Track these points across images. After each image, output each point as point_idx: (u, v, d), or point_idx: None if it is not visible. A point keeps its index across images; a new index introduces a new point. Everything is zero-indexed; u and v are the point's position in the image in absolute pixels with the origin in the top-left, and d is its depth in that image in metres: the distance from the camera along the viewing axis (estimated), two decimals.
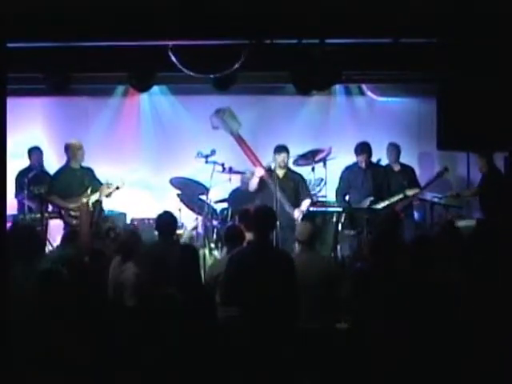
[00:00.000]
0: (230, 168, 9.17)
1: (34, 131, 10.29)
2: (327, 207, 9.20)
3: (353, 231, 8.76)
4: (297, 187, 8.81)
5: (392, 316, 4.61)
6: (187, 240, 8.95)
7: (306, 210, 8.72)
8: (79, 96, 10.11)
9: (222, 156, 9.17)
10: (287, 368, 4.94)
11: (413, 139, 10.23)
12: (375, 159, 9.38)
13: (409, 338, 4.50)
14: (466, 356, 4.48)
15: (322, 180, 9.30)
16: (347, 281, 5.82)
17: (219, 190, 9.38)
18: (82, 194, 8.76)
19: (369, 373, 4.49)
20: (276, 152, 8.80)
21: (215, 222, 9.09)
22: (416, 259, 5.14)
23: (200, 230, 9.20)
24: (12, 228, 6.32)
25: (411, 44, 7.22)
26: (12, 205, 8.88)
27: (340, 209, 9.01)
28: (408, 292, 4.85)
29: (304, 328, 5.64)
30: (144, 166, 10.46)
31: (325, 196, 9.41)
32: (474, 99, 5.20)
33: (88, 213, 7.66)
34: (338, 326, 5.87)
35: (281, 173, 8.80)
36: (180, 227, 9.22)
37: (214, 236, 8.90)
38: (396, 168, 9.55)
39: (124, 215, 9.47)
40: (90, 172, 9.08)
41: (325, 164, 9.33)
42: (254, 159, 8.85)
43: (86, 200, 7.64)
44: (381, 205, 8.85)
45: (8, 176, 5.27)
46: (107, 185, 8.82)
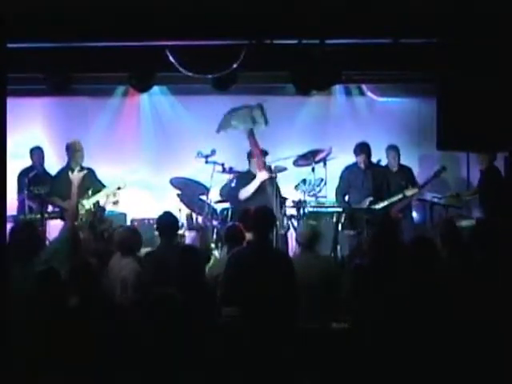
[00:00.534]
0: (230, 168, 9.17)
1: (35, 131, 10.29)
2: (327, 207, 9.21)
3: (353, 231, 8.76)
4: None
5: (392, 315, 4.61)
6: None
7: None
8: (79, 96, 10.10)
9: (222, 156, 9.17)
10: (287, 368, 4.94)
11: (413, 139, 10.23)
12: (375, 159, 9.38)
13: (409, 337, 4.50)
14: (466, 355, 4.49)
15: (322, 180, 9.29)
16: (346, 279, 5.82)
17: (219, 190, 9.37)
18: (83, 195, 8.76)
19: (369, 373, 4.49)
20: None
21: (215, 222, 9.09)
22: (416, 259, 5.14)
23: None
24: (12, 228, 6.32)
25: (411, 44, 7.23)
26: (12, 205, 8.88)
27: (340, 209, 9.02)
28: (408, 290, 4.86)
29: (304, 328, 5.65)
30: (144, 166, 10.46)
31: (325, 196, 9.41)
32: (474, 99, 5.21)
33: (73, 215, 7.53)
34: (338, 326, 5.87)
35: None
36: (180, 227, 9.24)
37: (214, 236, 8.90)
38: (394, 168, 9.56)
39: (124, 215, 9.47)
40: (91, 173, 9.07)
41: (325, 164, 9.32)
42: (261, 162, 8.83)
43: (75, 202, 7.54)
44: (380, 205, 8.86)
45: (9, 176, 5.28)
46: (110, 191, 8.79)
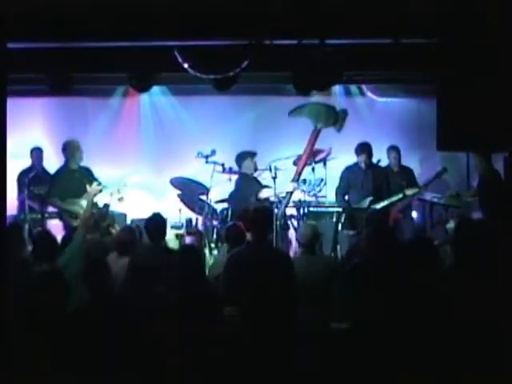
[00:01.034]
0: (230, 168, 9.19)
1: (35, 131, 10.29)
2: (327, 207, 9.22)
3: (353, 231, 8.76)
4: None
5: (391, 314, 4.61)
6: None
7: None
8: (79, 96, 10.10)
9: (222, 156, 9.18)
10: (286, 368, 4.94)
11: (413, 139, 10.22)
12: (375, 160, 9.38)
13: (408, 337, 4.50)
14: (467, 355, 4.48)
15: (322, 180, 9.29)
16: (344, 279, 5.83)
17: (219, 191, 9.38)
18: (82, 195, 8.78)
19: (369, 373, 4.48)
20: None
21: (215, 222, 9.10)
22: (415, 259, 5.13)
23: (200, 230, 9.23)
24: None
25: (411, 44, 7.22)
26: (12, 205, 8.88)
27: (340, 209, 9.02)
28: (407, 289, 4.85)
29: (304, 328, 5.65)
30: (144, 167, 10.46)
31: (325, 196, 9.41)
32: (474, 99, 5.21)
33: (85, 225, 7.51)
34: (338, 326, 5.86)
35: None
36: (180, 227, 9.25)
37: (214, 236, 8.90)
38: (395, 169, 9.56)
39: (124, 215, 9.46)
40: (89, 172, 9.06)
41: (325, 164, 9.32)
42: (303, 162, 8.89)
43: (89, 213, 7.48)
44: (380, 205, 8.86)
45: (9, 176, 5.28)
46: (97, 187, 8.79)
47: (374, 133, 9.90)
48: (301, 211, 9.05)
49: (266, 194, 8.91)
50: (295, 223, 8.99)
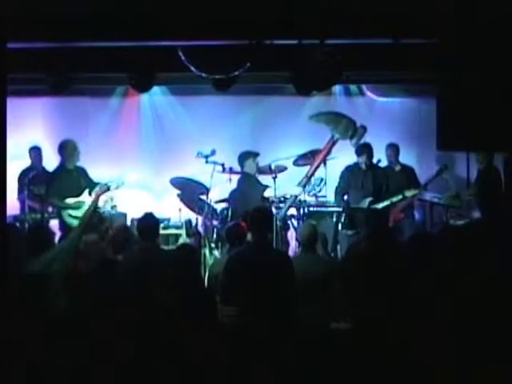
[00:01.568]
0: (230, 168, 9.19)
1: (35, 132, 10.29)
2: (327, 207, 9.22)
3: (352, 231, 8.76)
4: None
5: (390, 313, 4.61)
6: None
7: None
8: (79, 96, 10.10)
9: (222, 156, 9.18)
10: (286, 367, 4.94)
11: (413, 139, 10.22)
12: (375, 160, 9.37)
13: (406, 336, 4.50)
14: (469, 355, 4.48)
15: (322, 180, 9.30)
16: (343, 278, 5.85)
17: (219, 190, 9.38)
18: (80, 195, 8.80)
19: (369, 373, 4.48)
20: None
21: (215, 222, 9.10)
22: (415, 257, 5.14)
23: (200, 230, 9.22)
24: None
25: (411, 44, 7.22)
26: (13, 205, 8.88)
27: (340, 209, 9.03)
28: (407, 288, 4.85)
29: (304, 328, 5.64)
30: (144, 166, 10.46)
31: (325, 196, 9.42)
32: (474, 99, 5.21)
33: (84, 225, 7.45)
34: (338, 326, 5.86)
35: None
36: (180, 227, 9.26)
37: (214, 236, 8.91)
38: (396, 168, 9.56)
39: (124, 215, 9.47)
40: (84, 172, 9.06)
41: (325, 164, 9.33)
42: (313, 169, 8.90)
43: (89, 214, 7.36)
44: (380, 205, 8.85)
45: (9, 176, 5.28)
46: (105, 186, 8.80)
47: (374, 133, 9.89)
48: (301, 211, 9.06)
49: (268, 195, 8.93)
50: (295, 223, 8.99)
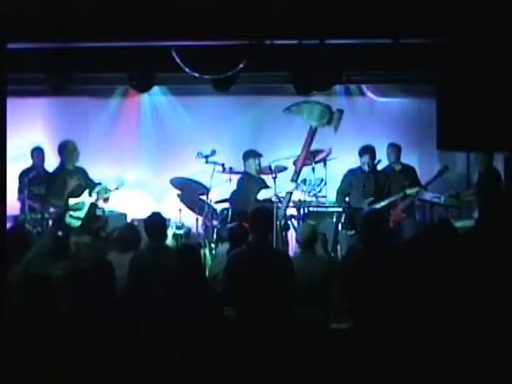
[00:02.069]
0: (231, 168, 9.20)
1: (35, 132, 10.29)
2: (327, 207, 9.23)
3: (352, 231, 8.76)
4: None
5: (388, 312, 4.62)
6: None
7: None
8: (79, 96, 10.11)
9: (222, 156, 9.19)
10: (286, 367, 4.95)
11: (413, 140, 10.23)
12: (375, 160, 9.37)
13: (404, 333, 4.51)
14: (469, 354, 4.48)
15: (322, 180, 9.30)
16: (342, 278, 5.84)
17: (219, 191, 9.38)
18: (80, 195, 8.81)
19: (369, 372, 4.49)
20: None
21: (215, 222, 9.10)
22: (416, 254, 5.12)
23: (200, 230, 9.23)
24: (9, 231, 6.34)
25: (411, 44, 7.22)
26: (14, 205, 8.88)
27: (340, 209, 9.03)
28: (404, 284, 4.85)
29: (304, 328, 5.65)
30: (144, 167, 10.46)
31: (325, 196, 9.42)
32: (474, 99, 5.21)
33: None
34: (338, 326, 5.87)
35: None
36: (180, 227, 9.26)
37: (214, 236, 8.91)
38: (397, 168, 9.56)
39: (124, 215, 9.47)
40: (84, 172, 9.09)
41: (325, 164, 9.33)
42: (301, 164, 8.85)
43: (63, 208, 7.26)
44: (380, 204, 8.86)
45: (9, 177, 5.27)
46: (104, 189, 8.85)
47: (374, 133, 9.91)
48: (301, 211, 9.06)
49: (265, 195, 8.89)
50: (295, 223, 9.00)
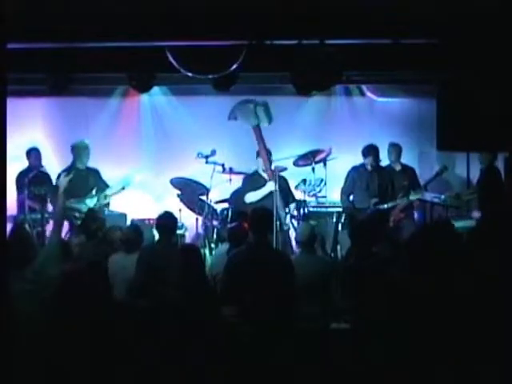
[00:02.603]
0: (231, 168, 9.19)
1: (35, 132, 10.29)
2: (327, 207, 9.23)
3: None
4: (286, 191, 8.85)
5: (389, 314, 4.60)
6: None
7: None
8: (79, 96, 10.10)
9: (223, 156, 9.19)
10: (286, 367, 4.94)
11: (413, 140, 10.22)
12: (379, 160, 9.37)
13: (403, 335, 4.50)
14: (468, 358, 4.47)
15: (322, 180, 9.30)
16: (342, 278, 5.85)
17: (219, 191, 9.38)
18: (87, 195, 8.84)
19: (368, 372, 4.48)
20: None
21: (215, 223, 9.10)
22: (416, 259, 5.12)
23: (200, 231, 9.23)
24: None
25: (411, 44, 7.22)
26: (11, 206, 8.88)
27: (340, 209, 9.03)
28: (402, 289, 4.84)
29: (303, 328, 5.65)
30: (144, 167, 10.44)
31: (325, 196, 9.42)
32: (474, 99, 5.21)
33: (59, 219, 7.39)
34: (338, 326, 5.87)
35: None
36: (180, 227, 9.25)
37: (214, 236, 8.91)
38: (397, 168, 9.57)
39: (124, 216, 9.47)
40: (96, 173, 9.17)
41: (325, 164, 9.34)
42: (267, 162, 8.80)
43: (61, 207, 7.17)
44: (385, 206, 8.85)
45: (9, 177, 5.27)
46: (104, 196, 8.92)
47: (374, 133, 9.91)
48: (301, 211, 9.06)
49: (252, 199, 8.78)
50: (295, 223, 8.99)
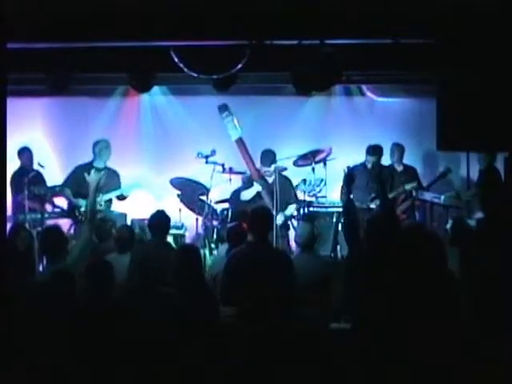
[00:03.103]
0: (230, 168, 9.18)
1: (35, 132, 10.29)
2: (327, 207, 9.22)
3: None
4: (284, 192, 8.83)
5: (393, 309, 4.59)
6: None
7: (290, 215, 8.83)
8: (79, 96, 10.10)
9: (222, 156, 9.18)
10: (286, 367, 4.94)
11: (413, 140, 10.21)
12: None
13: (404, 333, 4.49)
14: (471, 355, 4.48)
15: (322, 180, 9.30)
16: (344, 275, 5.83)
17: (219, 191, 9.38)
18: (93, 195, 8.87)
19: (368, 372, 4.49)
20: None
21: (215, 223, 9.10)
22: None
23: (200, 231, 9.23)
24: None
25: (411, 44, 7.23)
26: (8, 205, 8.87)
27: (340, 209, 9.02)
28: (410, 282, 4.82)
29: (303, 328, 5.64)
30: (144, 167, 10.45)
31: (325, 196, 9.42)
32: (474, 99, 5.21)
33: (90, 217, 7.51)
34: (338, 326, 5.87)
35: (270, 178, 8.83)
36: (180, 227, 9.26)
37: (214, 236, 8.91)
38: (399, 168, 9.56)
39: (124, 216, 9.47)
40: (113, 174, 9.21)
41: (325, 164, 9.33)
42: (254, 170, 8.83)
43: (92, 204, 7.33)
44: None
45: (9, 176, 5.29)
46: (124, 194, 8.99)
47: (374, 133, 9.90)
48: (301, 211, 9.05)
49: (247, 196, 8.85)
50: (295, 223, 8.99)
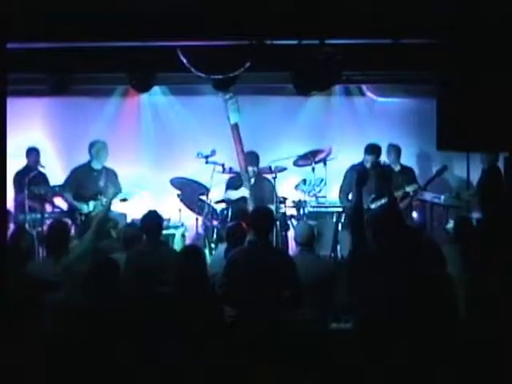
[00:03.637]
0: (231, 168, 9.19)
1: (35, 131, 10.29)
2: (327, 207, 9.22)
3: None
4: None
5: (395, 308, 4.60)
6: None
7: None
8: (79, 96, 10.10)
9: (222, 156, 9.18)
10: (286, 367, 4.95)
11: (413, 139, 10.22)
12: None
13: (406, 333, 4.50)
14: (471, 356, 4.48)
15: (322, 180, 9.31)
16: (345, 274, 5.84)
17: (219, 191, 9.38)
18: (96, 195, 8.86)
19: (368, 372, 4.49)
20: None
21: (215, 222, 9.11)
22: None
23: (200, 231, 9.24)
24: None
25: (411, 44, 7.22)
26: (9, 204, 8.87)
27: (340, 209, 9.03)
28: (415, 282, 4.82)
29: (303, 328, 5.65)
30: (144, 167, 10.46)
31: (325, 196, 9.42)
32: (474, 99, 5.21)
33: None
34: (338, 326, 5.87)
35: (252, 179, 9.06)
36: (180, 227, 9.27)
37: (214, 236, 8.91)
38: (396, 168, 9.56)
39: (124, 215, 9.47)
40: (112, 174, 9.17)
41: (325, 164, 9.35)
42: (242, 160, 8.86)
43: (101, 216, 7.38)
44: (382, 201, 8.85)
45: (8, 176, 5.29)
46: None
47: (374, 133, 9.90)
48: (301, 211, 9.06)
49: (233, 196, 8.89)
50: (295, 223, 9.00)
